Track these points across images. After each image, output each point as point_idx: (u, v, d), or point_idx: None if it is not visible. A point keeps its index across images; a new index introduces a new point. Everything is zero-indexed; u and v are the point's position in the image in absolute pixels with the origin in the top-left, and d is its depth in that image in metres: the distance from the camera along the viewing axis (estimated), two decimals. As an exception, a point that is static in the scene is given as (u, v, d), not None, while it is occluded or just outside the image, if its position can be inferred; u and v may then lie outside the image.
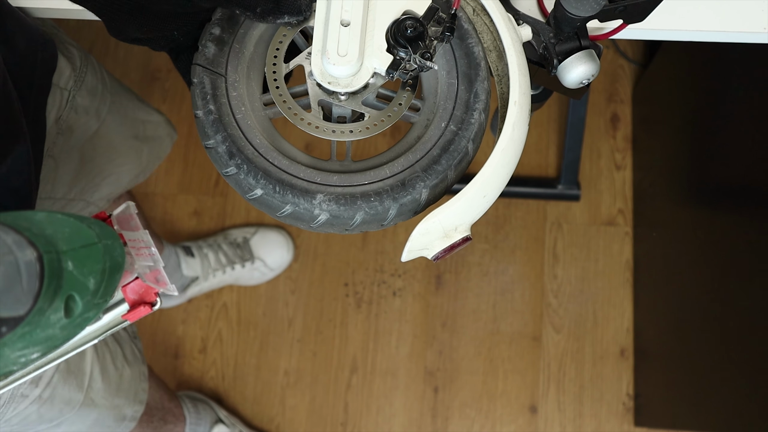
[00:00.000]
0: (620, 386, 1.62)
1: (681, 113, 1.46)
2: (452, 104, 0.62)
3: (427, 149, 0.60)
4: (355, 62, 0.58)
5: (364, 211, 0.58)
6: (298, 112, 0.62)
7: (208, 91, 0.60)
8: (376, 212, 0.58)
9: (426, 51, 0.59)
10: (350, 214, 0.58)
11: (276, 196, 0.58)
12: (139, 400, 1.07)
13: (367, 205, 0.58)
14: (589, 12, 0.60)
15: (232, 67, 0.61)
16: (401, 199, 0.58)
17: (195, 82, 0.61)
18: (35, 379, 0.81)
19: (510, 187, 0.61)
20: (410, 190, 0.59)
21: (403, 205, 0.59)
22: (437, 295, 1.68)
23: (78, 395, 0.89)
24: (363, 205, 0.58)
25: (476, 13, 0.65)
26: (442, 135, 0.61)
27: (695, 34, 0.73)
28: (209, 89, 0.60)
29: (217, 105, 0.60)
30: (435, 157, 0.60)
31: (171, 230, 1.73)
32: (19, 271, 0.37)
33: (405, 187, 0.59)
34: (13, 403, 0.79)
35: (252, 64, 0.64)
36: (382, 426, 1.62)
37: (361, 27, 0.59)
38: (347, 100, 0.61)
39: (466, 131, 0.61)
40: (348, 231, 0.60)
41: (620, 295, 1.67)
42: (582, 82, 0.65)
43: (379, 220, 0.59)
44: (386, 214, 0.59)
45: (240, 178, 0.59)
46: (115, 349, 0.98)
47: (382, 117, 0.62)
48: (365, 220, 0.58)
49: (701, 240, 1.30)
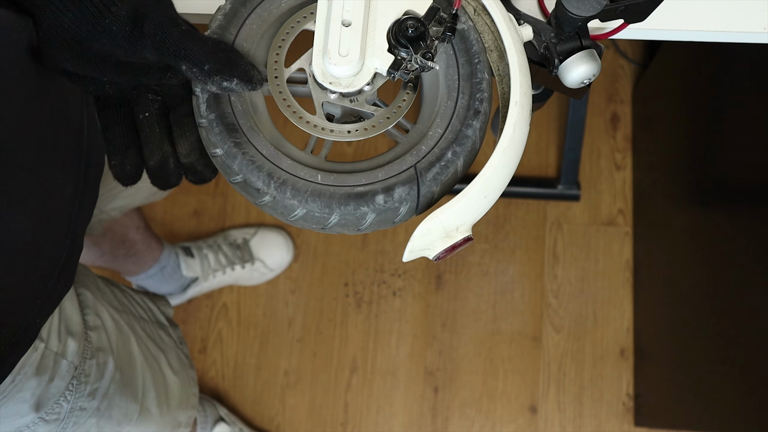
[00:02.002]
0: (620, 386, 1.62)
1: (681, 113, 1.46)
2: (454, 103, 0.62)
3: (434, 143, 0.60)
4: (357, 62, 0.58)
5: (375, 210, 0.58)
6: (297, 110, 0.62)
7: (211, 101, 0.60)
8: (387, 211, 0.59)
9: (427, 51, 0.59)
10: (362, 214, 0.58)
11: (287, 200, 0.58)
12: (191, 405, 1.06)
13: (378, 203, 0.58)
14: (591, 12, 0.60)
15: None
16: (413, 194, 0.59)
17: (197, 91, 0.61)
18: (92, 391, 0.81)
19: (510, 187, 0.61)
20: (421, 186, 0.59)
21: (417, 200, 0.59)
22: (437, 295, 1.68)
23: (134, 406, 0.89)
24: (373, 204, 0.58)
25: (477, 13, 0.65)
26: (447, 128, 0.61)
27: (695, 34, 0.73)
28: (212, 97, 0.60)
29: (221, 113, 0.60)
30: (444, 150, 0.60)
31: (171, 230, 1.73)
32: None
33: (415, 182, 0.59)
34: (72, 418, 0.78)
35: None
36: (382, 426, 1.62)
37: (362, 27, 0.59)
38: (352, 101, 0.61)
39: (474, 122, 0.61)
40: (360, 231, 0.60)
41: (620, 295, 1.67)
42: (583, 82, 0.65)
43: (391, 218, 0.59)
44: (396, 213, 0.59)
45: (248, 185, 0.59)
46: (159, 356, 0.98)
47: (383, 118, 0.62)
48: (377, 220, 0.59)
49: (701, 240, 1.30)
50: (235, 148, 0.59)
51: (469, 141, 0.61)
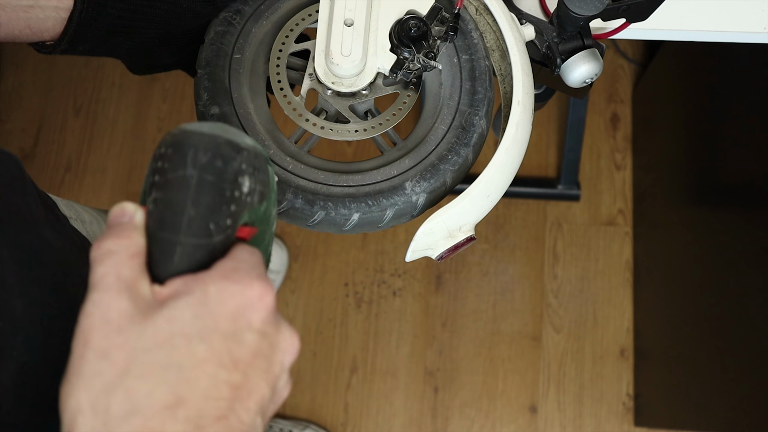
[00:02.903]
0: (620, 386, 1.62)
1: (681, 113, 1.46)
2: (456, 103, 0.62)
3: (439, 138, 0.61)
4: (359, 62, 0.58)
5: (396, 206, 0.58)
6: (297, 108, 0.62)
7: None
8: (404, 204, 0.59)
9: (429, 51, 0.59)
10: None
11: (307, 206, 0.58)
12: None
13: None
14: (593, 11, 0.60)
15: (234, 72, 0.61)
16: (430, 188, 0.59)
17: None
18: None
19: (510, 187, 0.61)
20: (434, 180, 0.59)
21: (431, 193, 0.59)
22: (437, 295, 1.68)
23: None
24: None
25: (479, 13, 0.65)
26: (452, 122, 0.61)
27: (695, 34, 0.73)
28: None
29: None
30: (451, 142, 0.60)
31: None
32: None
33: (431, 176, 0.59)
34: None
35: (254, 67, 0.63)
36: (382, 426, 1.62)
37: (364, 27, 0.59)
38: (344, 100, 0.61)
39: (478, 109, 0.61)
40: (380, 228, 0.60)
41: (620, 295, 1.67)
42: (585, 82, 0.65)
43: (410, 210, 0.59)
44: (415, 206, 0.59)
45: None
46: None
47: (386, 116, 0.62)
48: (396, 214, 0.59)
49: (701, 240, 1.30)
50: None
51: (477, 130, 0.61)
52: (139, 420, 0.34)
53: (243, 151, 0.40)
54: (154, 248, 0.39)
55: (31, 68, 1.84)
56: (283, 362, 0.40)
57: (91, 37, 0.57)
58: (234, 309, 0.37)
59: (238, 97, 0.60)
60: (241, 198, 0.40)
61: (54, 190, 1.76)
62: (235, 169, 0.40)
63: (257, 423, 0.37)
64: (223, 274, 0.38)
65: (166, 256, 0.39)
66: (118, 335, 0.36)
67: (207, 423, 0.35)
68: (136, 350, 0.35)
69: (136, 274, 0.38)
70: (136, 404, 0.34)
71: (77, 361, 0.36)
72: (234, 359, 0.37)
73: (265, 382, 0.38)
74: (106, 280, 0.37)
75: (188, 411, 0.35)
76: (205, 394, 0.36)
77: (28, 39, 0.57)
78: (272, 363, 0.39)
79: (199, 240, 0.39)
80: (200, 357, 0.36)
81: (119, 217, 0.40)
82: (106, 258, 0.38)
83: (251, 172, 0.41)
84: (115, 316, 0.36)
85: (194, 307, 0.37)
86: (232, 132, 0.41)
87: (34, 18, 0.55)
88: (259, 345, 0.38)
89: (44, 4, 0.55)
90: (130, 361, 0.35)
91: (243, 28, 0.62)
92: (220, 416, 0.36)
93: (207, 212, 0.39)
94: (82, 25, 0.56)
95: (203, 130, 0.40)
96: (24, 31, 0.56)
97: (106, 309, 0.36)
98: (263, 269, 0.41)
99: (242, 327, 0.38)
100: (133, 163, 1.78)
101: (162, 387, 0.35)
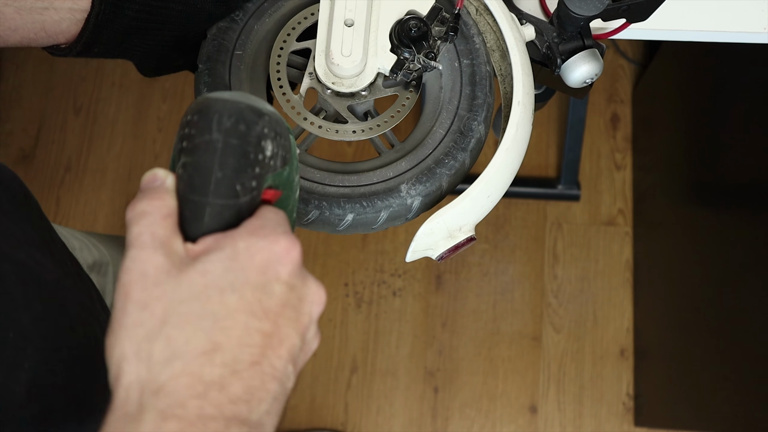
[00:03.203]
0: (620, 386, 1.62)
1: (681, 113, 1.46)
2: (455, 107, 0.62)
3: (440, 139, 0.61)
4: (360, 62, 0.58)
5: (390, 208, 0.59)
6: (296, 106, 0.62)
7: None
8: (399, 207, 0.59)
9: (430, 51, 0.59)
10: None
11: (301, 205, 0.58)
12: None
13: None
14: (593, 11, 0.60)
15: (235, 68, 0.61)
16: (425, 191, 0.59)
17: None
18: None
19: (510, 187, 0.61)
20: (430, 183, 0.59)
21: (426, 196, 0.59)
22: (437, 295, 1.68)
23: None
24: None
25: (479, 13, 0.65)
26: (451, 127, 0.61)
27: (695, 34, 0.73)
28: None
29: None
30: (457, 140, 0.60)
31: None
32: None
33: (426, 179, 0.59)
34: None
35: (255, 64, 0.64)
36: (382, 426, 1.62)
37: (364, 27, 0.59)
38: (343, 100, 0.61)
39: (477, 114, 0.61)
40: (374, 229, 0.60)
41: (620, 295, 1.67)
42: (585, 82, 0.65)
43: (404, 213, 0.60)
44: (410, 209, 0.59)
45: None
46: None
47: (385, 118, 0.62)
48: (390, 216, 0.59)
49: (701, 240, 1.30)
50: None
51: (475, 135, 0.61)
52: (180, 364, 0.37)
53: (264, 116, 0.42)
54: (185, 209, 0.42)
55: (31, 68, 1.84)
56: (311, 313, 0.42)
57: (107, 38, 0.58)
58: (262, 262, 0.40)
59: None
60: (264, 161, 0.42)
61: (54, 190, 1.76)
62: (258, 132, 0.42)
63: (289, 370, 0.40)
64: (251, 231, 0.41)
65: (196, 216, 0.41)
66: (155, 288, 0.38)
67: (242, 368, 0.38)
68: (173, 301, 0.38)
69: (170, 233, 0.40)
70: (176, 350, 0.37)
71: (119, 314, 0.38)
72: (264, 309, 0.39)
73: (295, 332, 0.40)
74: (142, 238, 0.39)
75: (224, 356, 0.37)
76: (239, 341, 0.38)
77: (43, 42, 0.57)
78: (301, 313, 0.41)
79: (226, 200, 0.41)
80: (232, 306, 0.38)
81: (151, 182, 0.43)
82: (141, 218, 0.40)
83: (273, 136, 0.43)
84: (152, 270, 0.39)
85: (225, 261, 0.39)
86: (254, 99, 0.43)
87: (49, 20, 0.55)
88: (288, 296, 0.40)
89: (59, 6, 0.55)
90: (169, 311, 0.38)
91: (245, 25, 0.63)
92: (253, 362, 0.38)
93: (233, 174, 0.41)
94: (98, 26, 0.56)
95: (225, 96, 0.42)
96: (39, 33, 0.56)
97: (143, 264, 0.39)
98: (288, 227, 0.43)
99: (270, 279, 0.40)
100: (133, 163, 1.78)
101: (199, 334, 0.37)
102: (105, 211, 1.74)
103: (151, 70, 0.66)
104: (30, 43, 0.56)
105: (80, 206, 1.75)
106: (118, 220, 1.73)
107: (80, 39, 0.57)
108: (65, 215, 1.74)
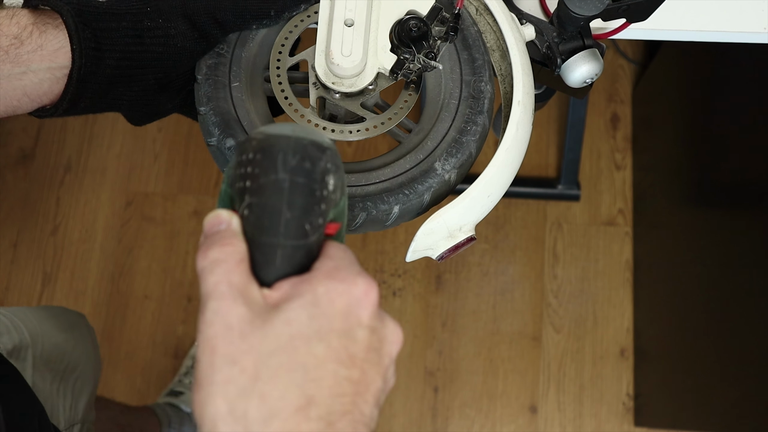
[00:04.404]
0: (620, 386, 1.62)
1: (681, 113, 1.46)
2: (459, 75, 0.62)
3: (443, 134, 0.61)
4: (360, 62, 0.58)
5: (432, 189, 0.59)
6: (299, 109, 0.62)
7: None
8: (439, 185, 0.59)
9: (430, 51, 0.59)
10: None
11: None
12: None
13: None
14: (593, 11, 0.60)
15: (237, 101, 0.61)
16: (458, 163, 0.59)
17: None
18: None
19: (510, 187, 0.61)
20: (460, 154, 0.60)
21: (460, 167, 0.60)
22: (437, 295, 1.68)
23: None
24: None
25: (479, 13, 0.65)
26: (461, 95, 0.61)
27: (695, 34, 0.73)
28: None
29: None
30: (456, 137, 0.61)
31: (171, 230, 1.73)
32: None
33: (456, 150, 0.60)
34: None
35: (254, 91, 0.63)
36: (381, 426, 1.62)
37: (365, 27, 0.59)
38: (354, 100, 0.61)
39: (481, 76, 0.61)
40: (419, 214, 0.61)
41: (620, 295, 1.67)
42: (585, 82, 0.65)
43: (445, 190, 0.60)
44: (449, 183, 0.60)
45: None
46: None
47: (385, 118, 0.62)
48: (433, 197, 0.60)
49: (701, 240, 1.30)
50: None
51: (486, 95, 0.61)
52: (278, 423, 0.36)
53: (327, 150, 0.42)
54: (255, 252, 0.40)
55: (31, 68, 1.84)
56: (391, 354, 0.42)
57: (92, 92, 0.56)
58: (344, 307, 0.39)
59: (248, 124, 0.60)
60: (328, 196, 0.42)
61: (54, 190, 1.76)
62: (322, 168, 0.41)
63: (374, 414, 0.40)
64: (328, 274, 0.40)
65: (267, 259, 0.40)
66: (242, 341, 0.37)
67: (336, 419, 0.37)
68: (262, 354, 0.37)
69: (245, 280, 0.39)
70: (273, 408, 0.36)
71: (207, 369, 0.37)
72: (350, 356, 0.39)
73: (379, 375, 0.40)
74: (220, 288, 0.38)
75: (319, 410, 0.37)
76: (330, 391, 0.37)
77: (27, 107, 0.56)
78: (382, 356, 0.41)
79: (297, 241, 0.40)
80: (321, 356, 0.38)
81: (216, 225, 0.41)
82: (215, 266, 0.39)
83: (335, 170, 0.42)
84: (236, 322, 0.38)
85: (307, 309, 0.38)
86: (313, 132, 0.42)
87: (29, 84, 0.54)
88: (370, 340, 0.40)
89: (36, 67, 0.54)
90: (259, 365, 0.37)
91: (233, 56, 0.62)
92: (345, 411, 0.38)
93: (301, 213, 0.40)
94: (81, 81, 0.55)
95: (287, 132, 0.41)
96: (22, 99, 0.55)
97: (225, 316, 0.38)
98: (359, 265, 0.42)
99: (353, 324, 0.39)
100: (133, 163, 1.78)
101: (292, 389, 0.37)
102: (105, 211, 1.74)
103: (141, 119, 0.64)
104: (15, 111, 0.55)
105: (80, 206, 1.75)
106: (118, 220, 1.73)
107: (65, 96, 0.55)
108: (65, 215, 1.74)
